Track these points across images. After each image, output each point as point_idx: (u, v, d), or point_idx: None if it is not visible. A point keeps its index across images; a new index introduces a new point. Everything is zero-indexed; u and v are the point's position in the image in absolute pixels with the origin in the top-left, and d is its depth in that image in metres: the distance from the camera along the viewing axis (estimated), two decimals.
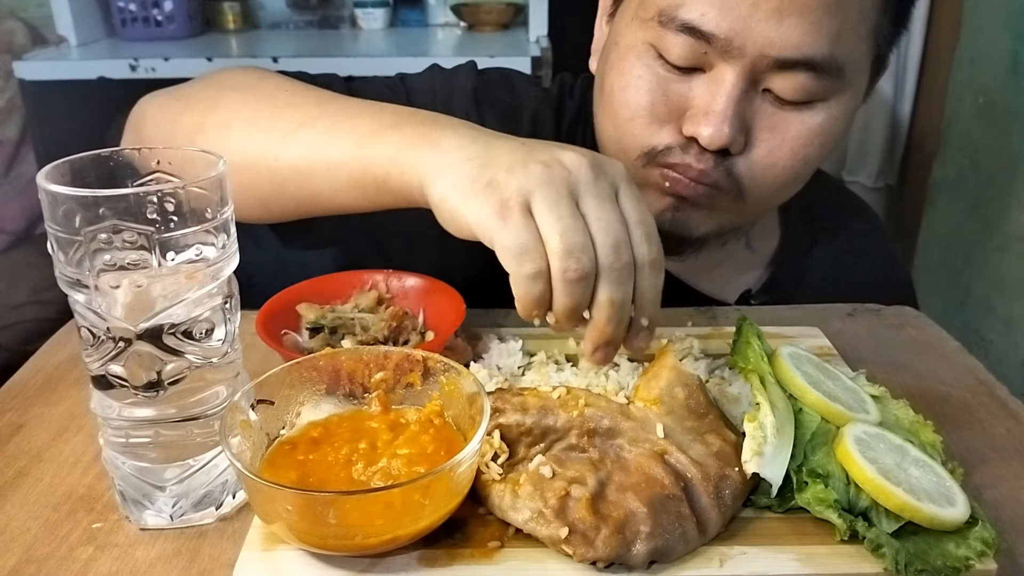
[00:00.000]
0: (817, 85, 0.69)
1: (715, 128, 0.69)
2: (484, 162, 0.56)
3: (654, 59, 0.72)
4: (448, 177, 0.57)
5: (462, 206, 0.55)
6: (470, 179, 0.55)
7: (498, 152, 0.56)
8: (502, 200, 0.54)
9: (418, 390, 0.58)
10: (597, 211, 0.54)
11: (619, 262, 0.54)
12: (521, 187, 0.54)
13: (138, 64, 1.95)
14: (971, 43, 1.82)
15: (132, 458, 0.53)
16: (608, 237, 0.54)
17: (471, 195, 0.55)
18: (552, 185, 0.54)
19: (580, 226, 0.53)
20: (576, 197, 0.54)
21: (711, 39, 0.68)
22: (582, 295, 0.54)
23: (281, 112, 0.69)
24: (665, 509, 0.50)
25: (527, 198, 0.54)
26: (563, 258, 0.53)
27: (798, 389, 0.58)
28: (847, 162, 2.11)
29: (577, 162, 0.55)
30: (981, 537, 0.51)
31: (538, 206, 0.54)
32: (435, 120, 0.63)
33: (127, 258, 0.48)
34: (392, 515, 0.47)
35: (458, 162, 0.57)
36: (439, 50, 2.20)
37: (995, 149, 1.71)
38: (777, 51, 0.67)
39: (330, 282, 0.74)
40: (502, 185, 0.54)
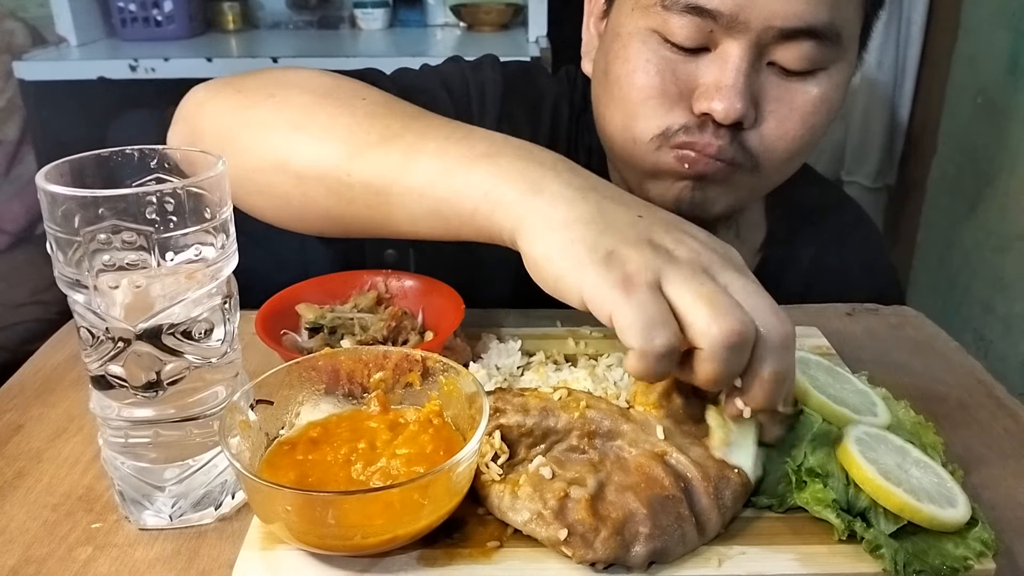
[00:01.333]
0: (819, 53, 0.71)
1: (728, 102, 0.70)
2: (601, 229, 0.51)
3: (659, 43, 0.73)
4: (555, 238, 0.52)
5: (573, 273, 0.50)
6: (587, 247, 0.51)
7: (615, 219, 0.52)
8: (625, 275, 0.49)
9: (417, 390, 0.58)
10: (738, 284, 0.50)
11: (782, 326, 0.50)
12: (649, 264, 0.50)
13: (138, 64, 1.95)
14: (970, 43, 1.82)
15: (131, 458, 0.53)
16: (762, 302, 0.50)
17: (588, 264, 0.50)
18: (684, 264, 0.50)
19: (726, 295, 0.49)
20: (712, 275, 0.51)
21: (717, 16, 0.69)
22: (740, 362, 0.49)
23: (360, 122, 0.64)
24: (665, 510, 0.50)
25: (656, 276, 0.50)
26: (720, 323, 0.48)
27: (802, 392, 0.58)
28: (846, 162, 2.11)
29: (706, 244, 0.52)
30: (980, 538, 0.51)
31: (671, 282, 0.49)
32: (531, 153, 0.58)
33: (126, 258, 0.48)
34: (391, 515, 0.47)
35: (567, 222, 0.52)
36: (438, 50, 2.20)
37: (994, 149, 1.71)
38: (781, 21, 0.68)
39: (329, 282, 0.74)
40: (625, 260, 0.50)
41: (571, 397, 0.58)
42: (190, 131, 0.73)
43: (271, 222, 0.71)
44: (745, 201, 0.82)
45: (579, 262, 0.50)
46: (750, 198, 0.82)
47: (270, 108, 0.68)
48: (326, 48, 2.24)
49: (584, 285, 0.50)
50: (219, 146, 0.66)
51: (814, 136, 0.76)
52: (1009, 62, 1.66)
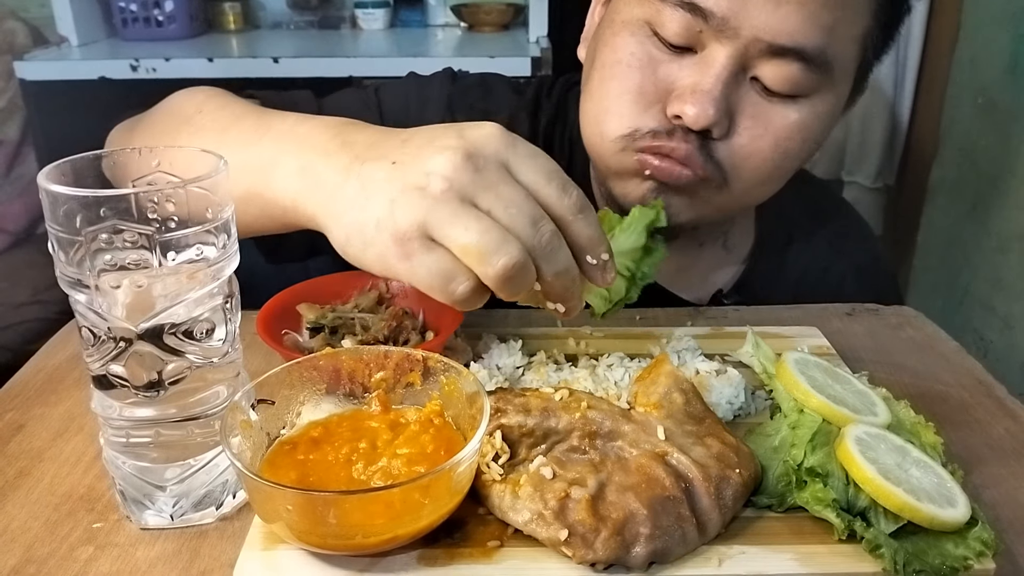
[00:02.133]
0: (805, 78, 0.70)
1: (701, 107, 0.69)
2: (364, 204, 0.54)
3: (648, 36, 0.73)
4: (340, 228, 0.55)
5: (363, 255, 0.54)
6: (359, 225, 0.54)
7: (373, 186, 0.54)
8: (396, 239, 0.52)
9: (418, 390, 0.58)
10: (496, 201, 0.52)
11: (543, 237, 0.53)
12: (410, 219, 0.52)
13: (139, 64, 1.95)
14: (970, 43, 1.82)
15: (133, 458, 0.53)
16: (521, 218, 0.52)
17: (367, 243, 0.54)
18: (438, 204, 0.52)
19: (487, 224, 0.51)
20: (471, 199, 0.52)
21: (708, 16, 0.68)
22: (524, 282, 0.53)
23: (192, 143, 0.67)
24: (665, 510, 0.50)
25: (421, 228, 0.52)
26: (485, 264, 0.51)
27: (801, 393, 0.58)
28: (846, 162, 2.11)
29: (451, 165, 0.52)
30: (980, 537, 0.51)
31: (436, 231, 0.52)
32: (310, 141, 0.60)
33: (128, 258, 0.48)
34: (392, 514, 0.47)
35: (342, 209, 0.55)
36: (439, 50, 2.20)
37: (994, 149, 1.71)
38: (771, 36, 0.68)
39: (330, 282, 0.75)
40: (390, 223, 0.52)
41: (572, 397, 0.58)
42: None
43: None
44: (711, 217, 0.81)
45: (361, 245, 0.54)
46: (716, 215, 0.81)
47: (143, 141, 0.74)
48: (327, 48, 2.24)
49: (374, 266, 0.54)
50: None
51: (786, 161, 0.74)
52: (1009, 62, 1.66)
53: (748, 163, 0.74)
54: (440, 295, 0.53)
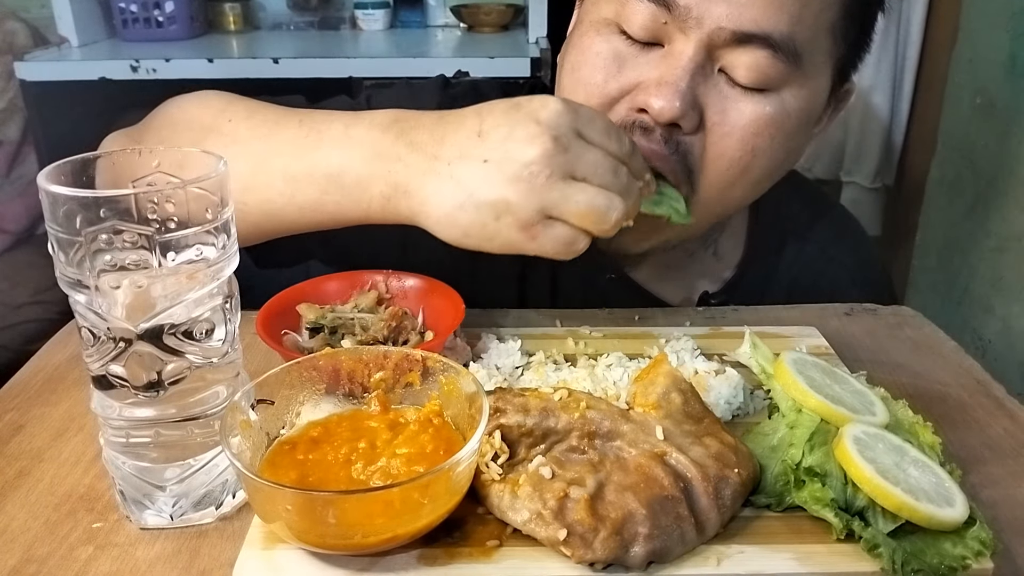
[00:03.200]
0: (772, 67, 0.69)
1: (667, 100, 0.69)
2: (476, 203, 0.60)
3: (614, 34, 0.73)
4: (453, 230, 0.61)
5: (488, 246, 0.61)
6: (477, 221, 0.60)
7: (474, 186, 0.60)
8: (521, 225, 0.59)
9: (417, 390, 0.58)
10: (587, 168, 0.60)
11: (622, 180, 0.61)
12: (528, 206, 0.59)
13: (139, 65, 1.95)
14: (969, 43, 1.82)
15: (132, 458, 0.53)
16: (608, 175, 0.60)
17: (492, 236, 0.60)
18: (548, 189, 0.59)
19: (591, 192, 0.59)
20: (570, 174, 0.59)
21: (671, 6, 0.68)
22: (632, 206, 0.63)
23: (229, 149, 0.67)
24: (664, 510, 0.51)
25: (540, 212, 0.59)
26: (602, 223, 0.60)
27: (799, 393, 0.58)
28: (845, 162, 2.11)
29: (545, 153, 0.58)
30: (978, 537, 0.51)
31: (554, 211, 0.59)
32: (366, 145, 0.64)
33: (127, 258, 0.48)
34: (391, 514, 0.47)
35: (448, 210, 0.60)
36: (439, 51, 2.20)
37: (993, 149, 1.71)
38: (735, 23, 0.67)
39: (330, 282, 0.75)
40: (509, 213, 0.59)
41: (571, 397, 0.58)
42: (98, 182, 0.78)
43: None
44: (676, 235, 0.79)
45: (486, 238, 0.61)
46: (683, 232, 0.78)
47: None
48: (327, 49, 2.24)
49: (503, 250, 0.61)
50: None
51: (755, 161, 0.73)
52: (1008, 63, 1.66)
53: (717, 164, 0.72)
54: (566, 256, 0.62)
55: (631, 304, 0.84)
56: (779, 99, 0.71)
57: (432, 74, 0.97)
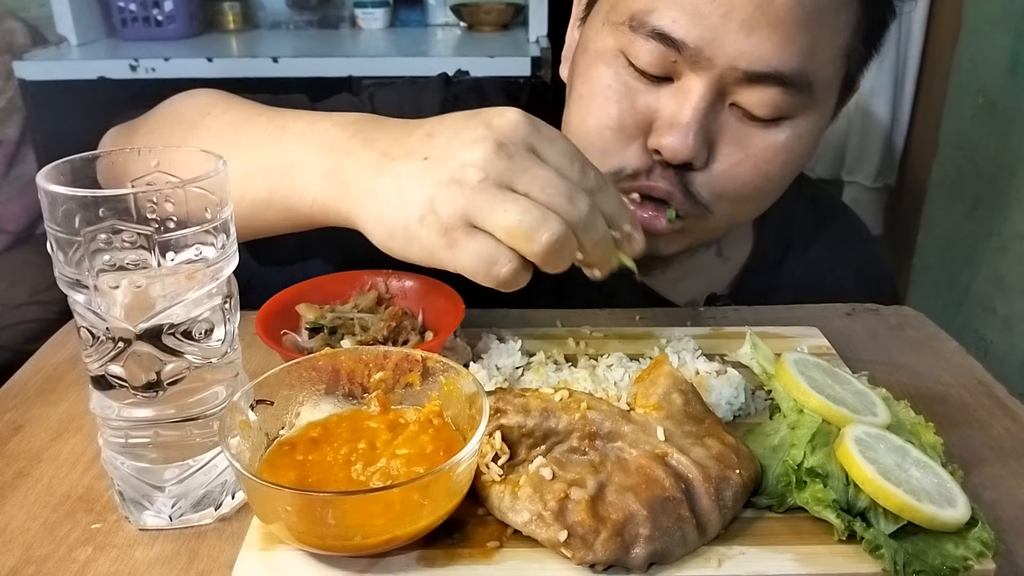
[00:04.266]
0: (785, 101, 0.68)
1: (680, 141, 0.68)
2: (404, 200, 0.56)
3: (624, 67, 0.71)
4: (381, 227, 0.57)
5: (408, 249, 0.57)
6: (402, 222, 0.56)
7: (408, 182, 0.56)
8: (441, 230, 0.54)
9: (417, 390, 0.58)
10: (532, 182, 0.54)
11: (581, 209, 0.55)
12: (452, 210, 0.54)
13: (138, 64, 1.95)
14: (971, 43, 1.82)
15: (131, 458, 0.53)
16: (558, 195, 0.54)
17: (411, 238, 0.56)
18: (479, 193, 0.54)
19: (526, 204, 0.53)
20: (508, 185, 0.54)
21: (681, 47, 0.67)
22: (567, 254, 0.55)
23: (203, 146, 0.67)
24: (665, 511, 0.50)
25: (463, 218, 0.54)
26: (530, 241, 0.53)
27: (801, 393, 0.58)
28: (846, 162, 2.11)
29: (485, 156, 0.54)
30: (980, 538, 0.51)
31: (478, 219, 0.54)
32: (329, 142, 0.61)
33: (126, 258, 0.48)
34: (391, 515, 0.47)
35: (379, 208, 0.57)
36: (439, 50, 2.20)
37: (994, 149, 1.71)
38: (747, 63, 0.66)
39: (330, 282, 0.75)
40: (433, 217, 0.54)
41: (572, 398, 0.58)
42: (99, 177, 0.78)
43: None
44: (700, 241, 0.80)
45: (404, 239, 0.56)
46: (706, 238, 0.81)
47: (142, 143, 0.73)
48: (326, 48, 2.24)
49: (421, 257, 0.57)
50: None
51: (768, 183, 0.73)
52: (1010, 63, 1.66)
53: (728, 188, 0.72)
54: (485, 279, 0.55)
55: (636, 305, 0.83)
56: (792, 125, 0.71)
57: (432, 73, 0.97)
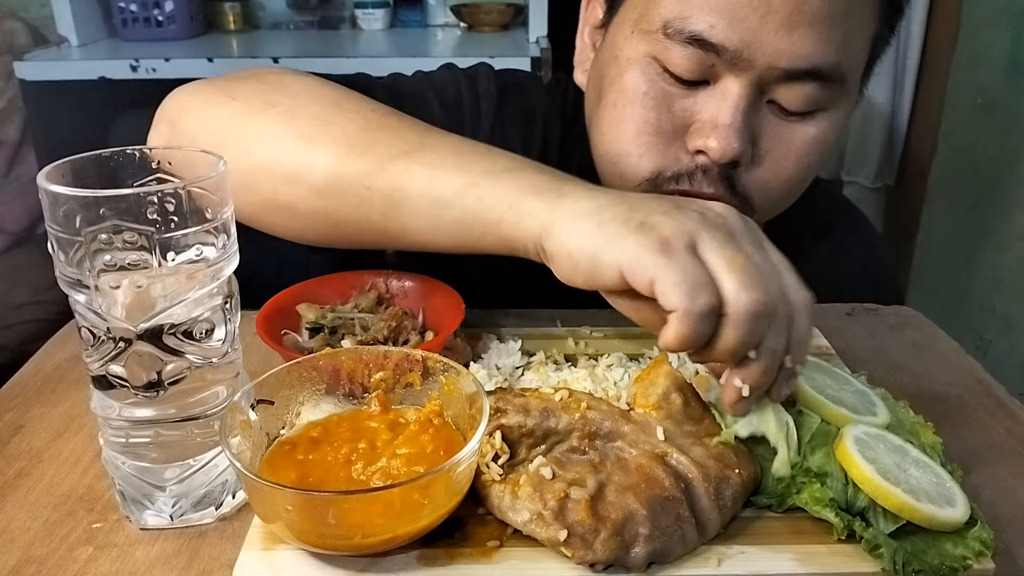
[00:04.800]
0: (821, 94, 0.69)
1: (725, 141, 0.68)
2: (630, 207, 0.53)
3: (658, 73, 0.71)
4: (589, 223, 0.53)
5: (611, 248, 0.52)
6: (620, 220, 0.52)
7: (639, 200, 0.55)
8: (663, 239, 0.51)
9: (417, 390, 0.58)
10: (758, 256, 0.53)
11: (786, 307, 0.52)
12: (683, 227, 0.51)
13: (139, 64, 1.95)
14: (970, 43, 1.82)
15: (132, 458, 0.53)
16: (775, 280, 0.52)
17: (624, 235, 0.51)
18: (714, 227, 0.52)
19: (757, 263, 0.52)
20: (740, 242, 0.53)
21: (720, 51, 0.67)
22: (762, 333, 0.51)
23: (375, 135, 0.64)
24: (665, 511, 0.50)
25: (691, 238, 0.51)
26: (749, 292, 0.50)
27: (801, 394, 0.58)
28: (846, 162, 2.11)
29: (726, 211, 0.55)
30: (979, 537, 0.51)
31: (705, 245, 0.51)
32: (552, 170, 0.60)
33: (127, 258, 0.48)
34: (391, 515, 0.47)
35: (598, 209, 0.54)
36: (439, 51, 2.20)
37: (994, 149, 1.71)
38: (787, 62, 0.67)
39: (330, 282, 0.75)
40: (660, 225, 0.51)
41: (572, 398, 0.58)
42: (174, 135, 0.70)
43: (268, 230, 0.69)
44: None
45: (615, 235, 0.52)
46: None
47: (273, 118, 0.66)
48: (326, 48, 2.24)
49: (623, 256, 0.51)
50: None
51: (809, 174, 0.74)
52: (1009, 62, 1.66)
53: (773, 185, 0.73)
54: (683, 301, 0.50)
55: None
56: (827, 116, 0.72)
57: None
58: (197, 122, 0.70)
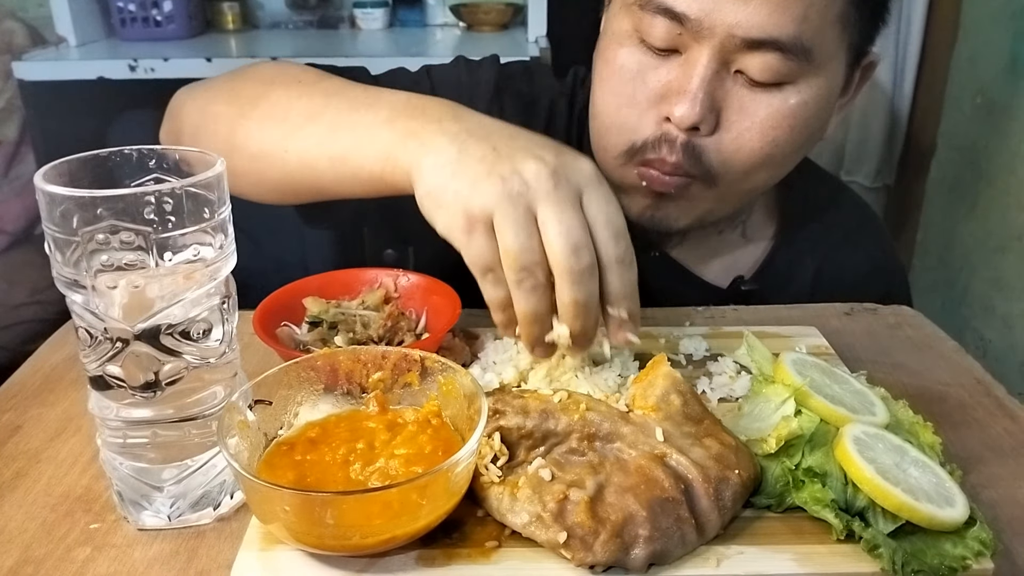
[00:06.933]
0: (784, 66, 0.72)
1: (687, 106, 0.72)
2: (454, 171, 0.59)
3: (636, 45, 0.76)
4: (426, 182, 0.61)
5: (434, 213, 0.60)
6: (442, 187, 0.59)
7: (468, 160, 0.60)
8: (467, 213, 0.58)
9: (416, 390, 0.58)
10: (555, 219, 0.57)
11: (579, 264, 0.57)
12: (483, 204, 0.57)
13: (137, 64, 1.95)
14: (969, 42, 1.82)
15: (130, 458, 0.53)
16: (566, 242, 0.57)
17: (441, 205, 0.59)
18: (510, 201, 0.57)
19: (534, 242, 0.57)
20: (534, 209, 0.57)
21: (683, 19, 0.71)
22: (538, 302, 0.58)
23: (293, 104, 0.73)
24: (664, 512, 0.50)
25: (489, 215, 0.57)
26: (516, 271, 0.57)
27: (799, 394, 0.58)
28: (845, 162, 2.11)
29: (536, 172, 0.58)
30: (978, 537, 0.51)
31: (498, 223, 0.57)
32: (424, 111, 0.65)
33: (124, 258, 0.48)
34: (390, 515, 0.47)
35: (434, 166, 0.61)
36: (438, 50, 2.20)
37: (993, 149, 1.71)
38: (744, 31, 0.70)
39: (340, 277, 0.75)
40: (467, 198, 0.58)
41: (571, 399, 0.58)
42: (172, 127, 0.83)
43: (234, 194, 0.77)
44: (710, 213, 0.83)
45: (436, 202, 0.60)
46: (716, 210, 0.83)
47: (224, 100, 0.77)
48: (326, 48, 2.23)
49: (439, 223, 0.60)
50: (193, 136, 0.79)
51: (776, 149, 0.76)
52: (1009, 62, 1.66)
53: (736, 157, 0.76)
54: (477, 278, 0.60)
55: (673, 284, 0.88)
56: (795, 90, 0.74)
57: None
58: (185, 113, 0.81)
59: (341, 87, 0.74)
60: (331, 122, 0.69)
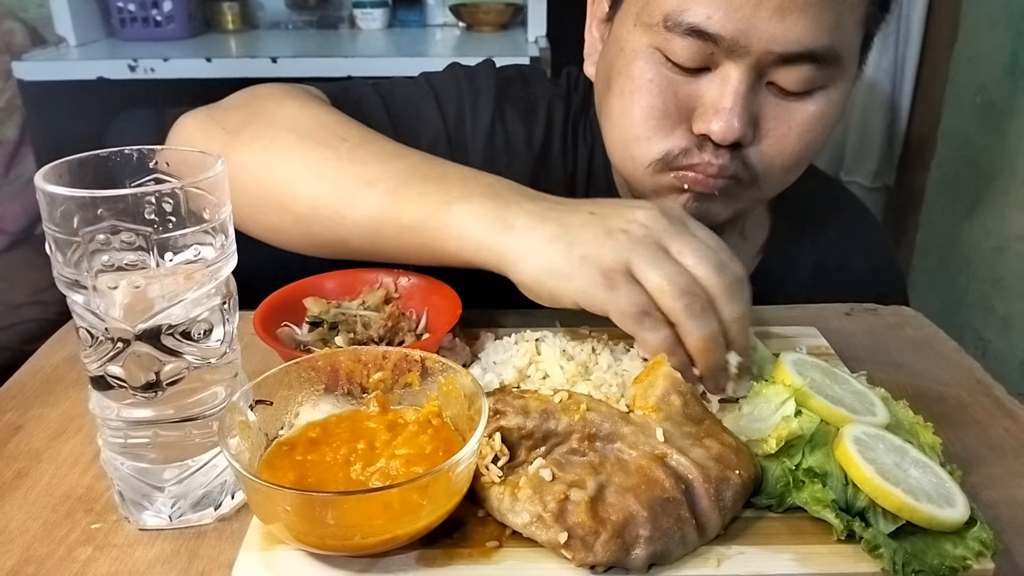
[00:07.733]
0: (817, 75, 0.72)
1: (726, 123, 0.72)
2: (569, 241, 0.61)
3: (661, 62, 0.74)
4: (537, 262, 0.61)
5: (563, 286, 0.60)
6: (563, 259, 0.60)
7: (575, 228, 0.61)
8: (603, 272, 0.59)
9: (416, 390, 0.58)
10: (688, 247, 0.61)
11: (726, 280, 0.61)
12: (616, 257, 0.59)
13: (137, 64, 1.95)
14: (969, 43, 1.82)
15: (131, 459, 0.53)
16: (710, 263, 0.60)
17: (569, 275, 0.60)
18: (642, 244, 0.60)
19: (681, 269, 0.60)
20: (666, 247, 0.60)
21: (718, 40, 0.70)
22: (711, 322, 0.60)
23: (345, 167, 0.71)
24: (665, 512, 0.50)
25: (626, 265, 0.59)
26: (680, 298, 0.59)
27: (799, 394, 0.58)
28: (845, 162, 2.11)
29: (648, 216, 0.62)
30: (979, 537, 0.51)
31: (638, 268, 0.59)
32: (498, 192, 0.66)
33: (125, 259, 0.48)
34: (390, 515, 0.47)
35: (540, 245, 0.61)
36: (438, 50, 2.20)
37: (993, 149, 1.71)
38: (781, 47, 0.70)
39: (328, 281, 0.75)
40: (597, 258, 0.59)
41: (571, 400, 0.58)
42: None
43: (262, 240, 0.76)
44: (747, 209, 0.84)
45: (562, 275, 0.60)
46: (752, 207, 0.85)
47: (259, 151, 0.74)
48: (325, 48, 2.24)
49: (576, 294, 0.60)
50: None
51: (811, 151, 0.77)
52: (1009, 62, 1.66)
53: (776, 161, 0.76)
54: (635, 330, 0.60)
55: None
56: (826, 95, 0.75)
57: None
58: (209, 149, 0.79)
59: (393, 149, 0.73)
60: (395, 191, 0.68)
